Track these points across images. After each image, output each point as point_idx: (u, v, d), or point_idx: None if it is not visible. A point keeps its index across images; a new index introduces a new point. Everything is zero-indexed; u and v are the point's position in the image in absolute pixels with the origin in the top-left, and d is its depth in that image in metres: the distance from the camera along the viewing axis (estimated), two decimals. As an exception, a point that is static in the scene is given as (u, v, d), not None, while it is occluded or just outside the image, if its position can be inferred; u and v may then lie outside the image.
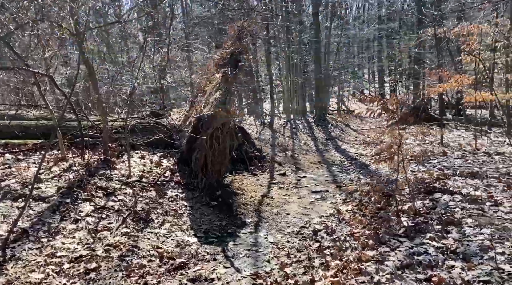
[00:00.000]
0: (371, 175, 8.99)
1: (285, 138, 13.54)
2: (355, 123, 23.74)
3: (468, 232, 4.06)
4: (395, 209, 5.14)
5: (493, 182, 5.99)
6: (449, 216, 4.42)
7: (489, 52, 11.93)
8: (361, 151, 13.19)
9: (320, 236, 5.32)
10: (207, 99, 7.08)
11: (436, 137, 12.38)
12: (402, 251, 3.99)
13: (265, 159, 10.42)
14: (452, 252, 3.75)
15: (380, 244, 4.26)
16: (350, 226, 5.42)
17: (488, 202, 4.86)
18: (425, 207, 4.98)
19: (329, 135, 16.90)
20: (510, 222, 4.28)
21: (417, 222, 4.44)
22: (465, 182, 6.01)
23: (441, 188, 5.66)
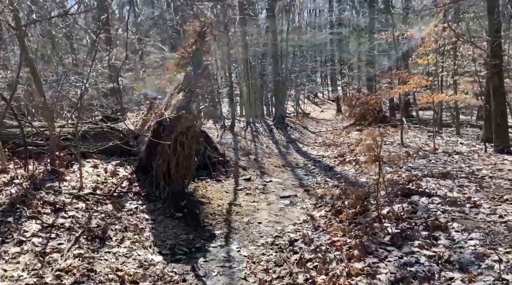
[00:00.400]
0: (339, 177, 8.76)
1: (247, 141, 13.10)
2: (311, 125, 23.81)
3: (457, 238, 3.83)
4: (376, 214, 4.84)
5: (464, 182, 5.91)
6: (433, 221, 4.17)
7: (437, 56, 12.23)
8: (322, 153, 13.04)
9: (298, 246, 4.90)
10: (168, 101, 6.46)
11: (394, 138, 12.50)
12: (392, 262, 3.66)
13: (228, 163, 9.90)
14: (447, 261, 3.47)
15: (367, 254, 3.92)
16: (328, 234, 5.05)
17: (467, 203, 4.70)
18: (405, 211, 4.72)
19: (289, 138, 16.68)
20: (495, 225, 4.12)
21: (402, 228, 4.16)
22: (438, 182, 5.88)
23: (416, 190, 5.46)
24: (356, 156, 9.92)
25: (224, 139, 12.28)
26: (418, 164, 8.08)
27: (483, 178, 6.15)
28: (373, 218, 4.86)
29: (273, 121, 18.56)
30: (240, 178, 9.27)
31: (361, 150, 9.98)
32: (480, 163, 7.63)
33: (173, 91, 6.49)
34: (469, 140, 11.69)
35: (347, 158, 10.16)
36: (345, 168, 9.37)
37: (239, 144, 12.27)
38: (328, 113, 32.40)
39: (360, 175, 8.12)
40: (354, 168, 8.99)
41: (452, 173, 6.30)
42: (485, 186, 5.51)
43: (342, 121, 26.15)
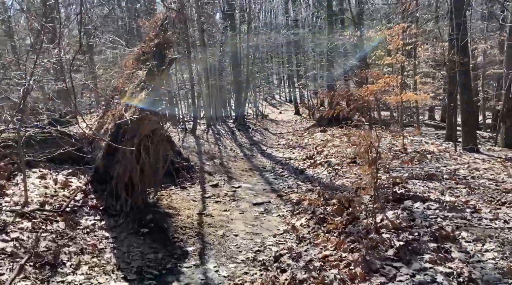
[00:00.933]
0: (312, 181, 8.32)
1: (210, 145, 12.38)
2: (272, 127, 23.46)
3: (471, 250, 3.44)
4: (369, 223, 4.38)
5: (451, 183, 5.64)
6: (439, 230, 3.77)
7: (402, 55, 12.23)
8: (289, 155, 12.61)
9: (285, 262, 4.33)
10: (128, 101, 5.66)
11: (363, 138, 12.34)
12: (404, 282, 3.19)
13: (193, 169, 9.16)
14: (470, 280, 3.04)
15: (371, 272, 3.43)
16: (316, 247, 4.53)
17: (467, 208, 4.37)
18: (402, 219, 4.30)
19: (252, 140, 16.15)
20: (503, 232, 3.78)
21: (406, 240, 3.71)
22: (426, 185, 5.56)
23: (407, 194, 5.08)
24: (327, 157, 9.55)
25: (187, 143, 11.49)
26: (394, 165, 7.83)
27: (466, 179, 5.93)
28: (365, 227, 4.40)
29: (235, 123, 17.95)
30: (206, 184, 8.58)
31: (335, 151, 9.67)
32: (454, 162, 7.50)
33: (134, 90, 5.70)
34: (432, 140, 11.74)
35: (318, 160, 9.77)
36: (317, 170, 8.95)
37: (202, 148, 11.54)
38: (286, 115, 32.30)
39: (335, 178, 7.73)
40: (326, 170, 8.59)
41: (436, 174, 6.02)
42: (474, 188, 5.26)
43: (301, 122, 26.07)
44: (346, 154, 9.23)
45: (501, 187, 5.38)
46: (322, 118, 19.05)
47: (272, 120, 27.30)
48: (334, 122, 18.02)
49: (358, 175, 7.25)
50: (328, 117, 18.50)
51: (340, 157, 9.11)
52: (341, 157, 9.11)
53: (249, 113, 26.73)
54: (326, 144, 11.75)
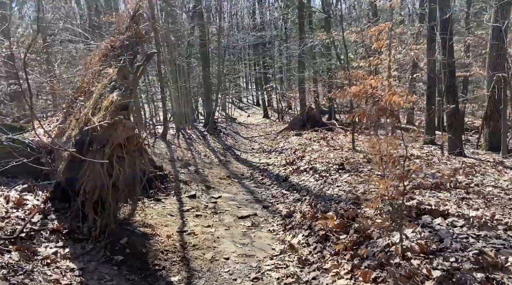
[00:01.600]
0: (298, 190, 7.69)
1: (182, 150, 11.48)
2: (242, 131, 22.77)
3: (527, 280, 2.89)
4: (388, 244, 3.76)
5: (460, 192, 5.16)
6: (480, 254, 3.19)
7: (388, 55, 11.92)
8: (266, 160, 11.96)
9: (294, 294, 3.63)
10: (96, 103, 4.77)
11: (338, 142, 11.90)
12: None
13: (167, 178, 8.29)
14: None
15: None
16: (327, 273, 3.87)
17: (498, 225, 3.84)
18: (425, 239, 3.72)
19: (224, 144, 15.37)
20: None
21: (445, 269, 3.10)
22: (435, 195, 5.05)
23: (423, 208, 4.51)
24: (310, 163, 8.96)
25: (158, 149, 10.54)
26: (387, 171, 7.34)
27: (471, 187, 5.49)
28: (383, 249, 3.78)
29: (205, 127, 17.08)
30: (183, 195, 7.74)
31: (317, 156, 9.08)
32: (446, 167, 7.11)
33: (103, 90, 4.82)
34: (412, 143, 11.49)
35: (301, 166, 9.15)
36: (302, 177, 8.33)
37: (175, 154, 10.63)
38: (255, 118, 31.70)
39: (324, 186, 7.12)
40: (313, 177, 7.98)
41: (442, 182, 5.53)
42: (488, 198, 4.80)
43: (272, 125, 25.55)
44: (332, 159, 8.69)
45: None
46: (295, 122, 18.61)
47: (241, 124, 26.60)
48: (307, 126, 17.64)
49: (350, 183, 6.69)
50: (301, 120, 18.08)
51: (325, 163, 8.54)
52: (326, 163, 8.54)
53: (217, 117, 25.93)
54: (305, 148, 11.19)
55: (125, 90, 4.64)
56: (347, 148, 10.43)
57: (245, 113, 35.78)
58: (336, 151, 10.07)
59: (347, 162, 8.28)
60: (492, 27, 8.70)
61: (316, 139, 12.87)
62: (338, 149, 10.27)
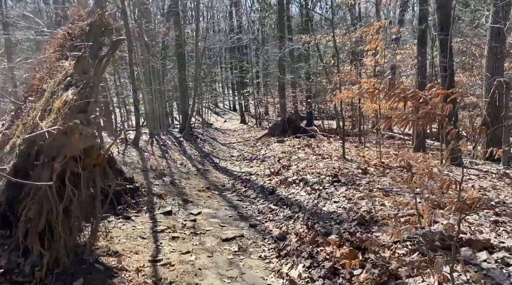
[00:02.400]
0: (289, 205, 6.79)
1: (156, 159, 10.38)
2: (219, 136, 21.76)
3: None
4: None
5: (489, 214, 4.39)
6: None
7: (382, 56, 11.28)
8: (248, 169, 11.03)
9: None
10: (47, 104, 3.72)
11: (324, 150, 11.13)
12: None
13: (139, 191, 7.22)
14: None
15: None
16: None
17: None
18: (475, 282, 2.89)
19: (201, 151, 14.33)
20: None
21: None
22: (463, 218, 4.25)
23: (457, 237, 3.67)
24: (299, 173, 8.10)
25: (129, 157, 9.41)
26: (383, 183, 6.57)
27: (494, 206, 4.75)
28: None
29: (181, 132, 15.98)
30: (157, 211, 6.70)
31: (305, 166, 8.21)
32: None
33: (56, 88, 3.78)
34: (400, 151, 10.85)
35: (288, 176, 8.28)
36: (291, 190, 7.45)
37: (148, 163, 9.54)
38: (232, 123, 30.75)
39: (319, 201, 6.27)
40: (304, 190, 7.12)
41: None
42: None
43: (250, 131, 24.67)
44: (323, 170, 7.86)
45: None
46: (275, 128, 17.79)
47: (218, 129, 25.58)
48: (288, 132, 16.85)
49: (349, 199, 5.86)
50: (281, 126, 17.29)
51: (316, 173, 7.70)
52: (317, 173, 7.70)
53: (193, 122, 24.81)
54: (291, 157, 10.34)
55: (83, 87, 3.61)
56: (336, 156, 9.65)
57: (221, 118, 34.76)
58: (325, 160, 9.25)
59: (341, 172, 7.46)
60: (490, 28, 8.15)
61: (300, 146, 12.05)
62: (326, 158, 9.46)
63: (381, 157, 8.71)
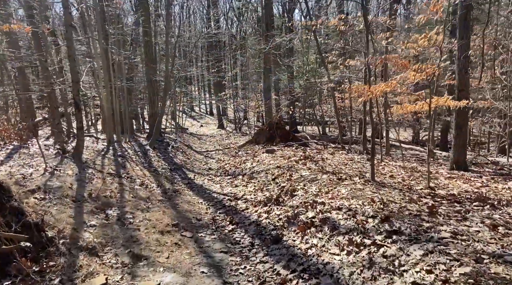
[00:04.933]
0: (307, 270, 3.77)
1: (104, 178, 7.11)
2: (194, 143, 18.56)
3: None
4: None
5: None
6: None
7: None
8: (231, 189, 7.97)
9: None
10: None
11: (336, 165, 8.23)
12: None
13: (51, 247, 4.03)
14: None
15: None
16: None
17: None
18: None
19: (172, 163, 11.14)
20: None
21: None
22: None
23: None
24: (316, 206, 5.09)
25: (59, 178, 6.13)
26: (485, 237, 3.66)
27: None
28: None
29: (149, 139, 12.72)
30: None
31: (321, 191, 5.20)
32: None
33: None
34: (438, 169, 8.08)
35: (299, 210, 5.26)
36: (310, 240, 4.43)
37: (88, 186, 6.28)
38: (208, 128, 27.55)
39: (374, 272, 3.30)
40: (335, 243, 4.11)
41: None
42: None
43: (228, 137, 21.57)
44: (352, 202, 4.89)
45: None
46: (260, 134, 14.78)
47: (193, 135, 22.33)
48: (276, 139, 13.89)
49: (438, 276, 2.92)
50: (267, 133, 14.29)
51: (346, 209, 4.72)
52: (347, 209, 4.73)
53: (166, 126, 21.47)
54: (291, 175, 7.36)
55: None
56: (358, 175, 6.73)
57: (197, 123, 31.42)
58: (346, 182, 6.30)
59: (389, 211, 4.49)
60: None
61: (298, 159, 9.08)
62: (346, 179, 6.51)
63: (429, 181, 5.81)
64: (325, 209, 4.88)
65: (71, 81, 7.42)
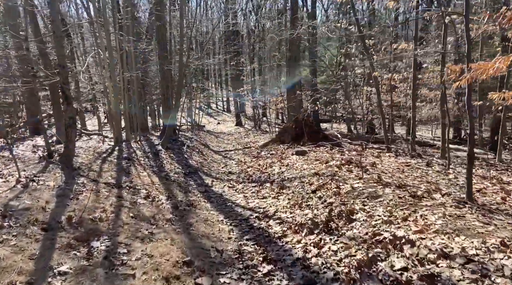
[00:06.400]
0: None
1: (98, 190, 5.42)
2: (212, 141, 16.87)
3: None
4: None
5: None
6: None
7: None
8: (259, 202, 6.18)
9: None
10: None
11: (393, 172, 6.35)
12: None
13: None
14: None
15: None
16: None
17: None
18: None
19: (187, 165, 9.44)
20: None
21: None
22: None
23: None
24: (402, 250, 3.26)
25: (30, 195, 4.43)
26: None
27: None
28: None
29: (161, 138, 11.05)
30: None
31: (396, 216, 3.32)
32: None
33: None
34: None
35: (358, 240, 3.44)
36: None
37: (70, 206, 4.57)
38: (226, 126, 25.83)
39: None
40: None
41: None
42: None
43: (247, 135, 19.78)
44: (477, 248, 3.05)
45: None
46: (285, 133, 12.95)
47: (210, 132, 20.65)
48: (303, 138, 12.04)
49: None
50: (293, 130, 12.42)
51: (464, 259, 2.87)
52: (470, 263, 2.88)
53: (182, 124, 19.85)
54: (338, 187, 5.52)
55: None
56: (435, 190, 4.83)
57: (214, 120, 29.75)
58: (423, 201, 4.42)
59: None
60: None
61: (340, 163, 7.22)
62: (425, 198, 4.63)
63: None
64: (422, 255, 3.04)
65: (58, 65, 5.74)
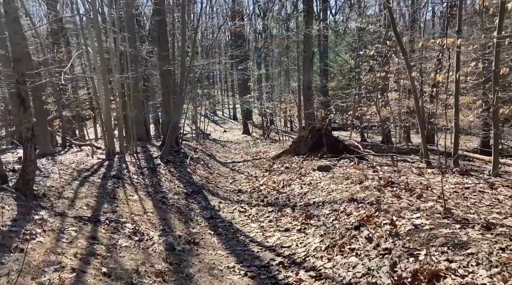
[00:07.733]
0: None
1: (63, 230, 3.88)
2: (218, 151, 15.36)
3: None
4: None
5: None
6: None
7: None
8: (281, 238, 4.62)
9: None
10: None
11: (437, 193, 4.76)
12: None
13: None
14: None
15: None
16: None
17: None
18: None
19: (189, 182, 7.89)
20: None
21: None
22: None
23: None
24: None
25: None
26: None
27: None
28: None
29: (161, 149, 9.51)
30: None
31: None
32: None
33: None
34: None
35: None
36: None
37: (3, 265, 3.02)
38: (233, 134, 24.36)
39: None
40: None
41: None
42: None
43: (256, 144, 18.24)
44: None
45: None
46: (300, 143, 11.37)
47: (216, 141, 19.17)
48: (321, 149, 10.44)
49: None
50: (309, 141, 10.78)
51: None
52: None
53: (186, 132, 18.35)
54: (393, 223, 3.93)
55: None
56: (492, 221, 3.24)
57: (220, 128, 28.27)
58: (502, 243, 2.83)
59: None
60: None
61: (378, 184, 5.62)
62: (499, 235, 3.03)
63: None
64: None
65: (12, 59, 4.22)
